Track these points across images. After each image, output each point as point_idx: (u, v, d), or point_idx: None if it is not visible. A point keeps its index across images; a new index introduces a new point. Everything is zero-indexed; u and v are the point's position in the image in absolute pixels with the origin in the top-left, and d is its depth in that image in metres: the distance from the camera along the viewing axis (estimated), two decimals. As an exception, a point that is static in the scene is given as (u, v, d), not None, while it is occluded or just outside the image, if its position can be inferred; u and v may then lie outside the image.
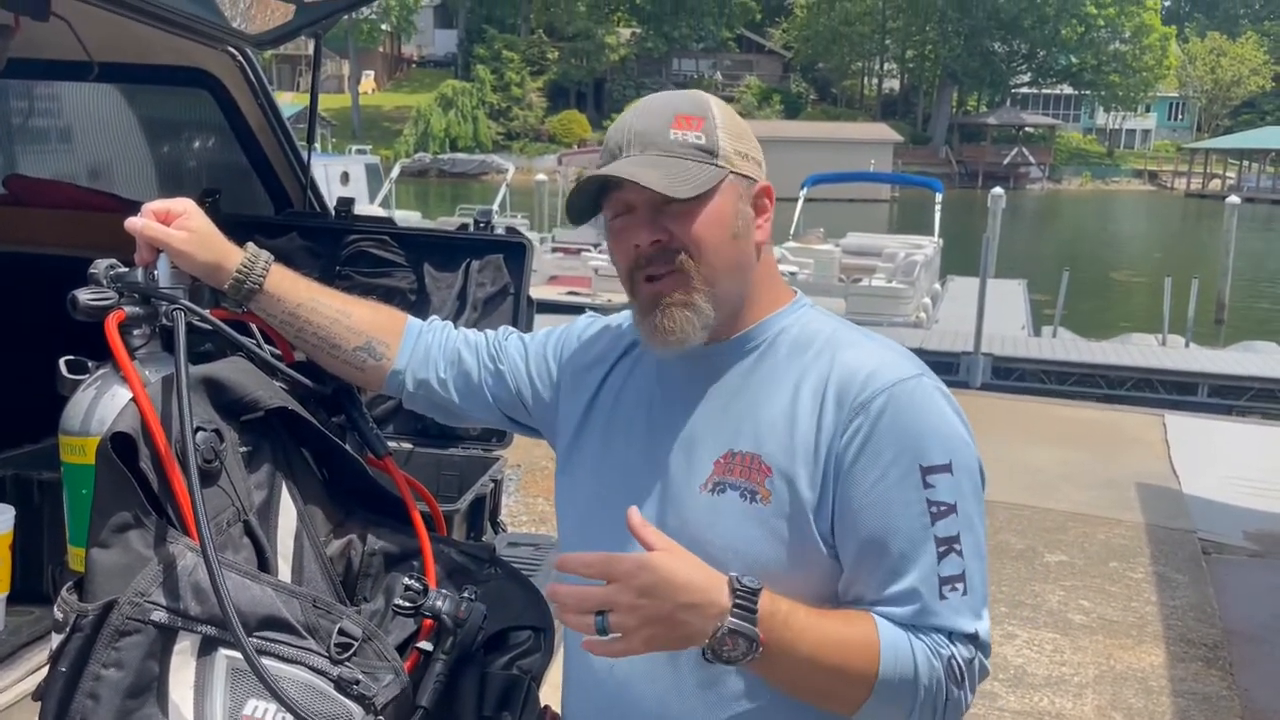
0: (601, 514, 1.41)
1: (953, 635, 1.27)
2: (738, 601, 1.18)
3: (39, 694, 1.26)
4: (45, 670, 1.74)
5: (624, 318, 1.55)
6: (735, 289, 1.37)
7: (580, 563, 1.22)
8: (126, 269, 1.42)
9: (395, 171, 19.90)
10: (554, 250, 16.04)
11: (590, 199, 1.38)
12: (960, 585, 1.27)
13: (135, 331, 1.40)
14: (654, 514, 1.36)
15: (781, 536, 1.29)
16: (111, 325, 1.35)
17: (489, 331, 1.64)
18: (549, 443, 1.59)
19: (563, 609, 1.21)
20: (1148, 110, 64.78)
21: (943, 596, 1.26)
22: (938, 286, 18.05)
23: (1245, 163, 57.56)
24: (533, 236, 9.71)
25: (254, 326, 1.55)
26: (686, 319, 1.33)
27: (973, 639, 1.29)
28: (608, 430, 1.46)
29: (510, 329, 1.64)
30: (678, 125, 1.33)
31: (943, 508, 1.27)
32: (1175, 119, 68.62)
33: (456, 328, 1.64)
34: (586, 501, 1.47)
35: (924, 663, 1.25)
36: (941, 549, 1.26)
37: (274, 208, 2.97)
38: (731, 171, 1.35)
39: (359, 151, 27.95)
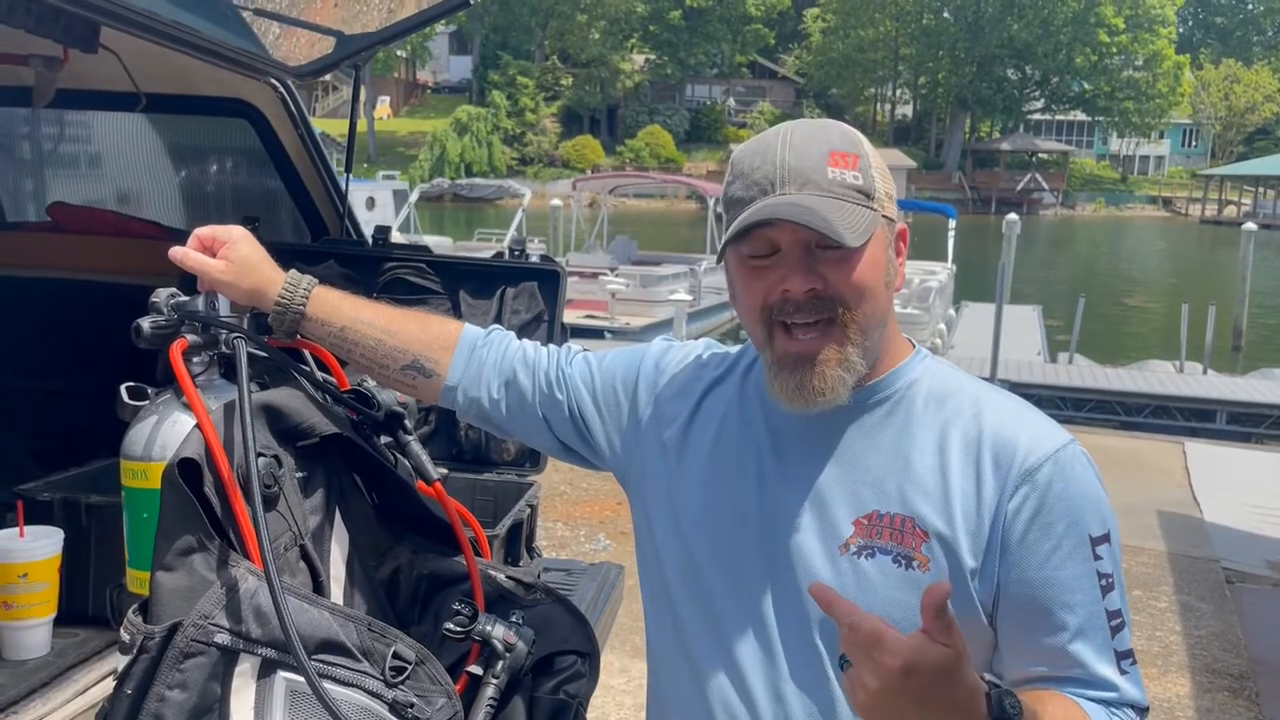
0: (714, 567, 1.36)
1: (1134, 708, 1.27)
2: None
3: (103, 715, 1.28)
4: (91, 691, 1.78)
5: (703, 345, 1.51)
6: (880, 340, 1.29)
7: (859, 621, 1.09)
8: (187, 298, 1.46)
9: (414, 196, 20.11)
10: (570, 274, 16.14)
11: (733, 235, 1.25)
12: (1132, 657, 1.26)
13: (195, 359, 1.44)
14: (787, 574, 1.30)
15: None
16: (176, 353, 1.38)
17: (552, 350, 1.56)
18: (615, 475, 1.52)
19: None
20: (1161, 137, 64.75)
21: (1124, 672, 1.25)
22: (952, 312, 18.07)
23: (1261, 189, 57.36)
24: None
25: (307, 352, 1.59)
26: (839, 379, 1.24)
27: (1145, 711, 1.28)
28: (712, 474, 1.38)
29: (577, 349, 1.57)
30: (834, 163, 1.23)
31: (1110, 580, 1.25)
32: (1189, 145, 68.55)
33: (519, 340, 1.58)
34: (698, 547, 1.37)
35: None
36: (1114, 623, 1.25)
37: (311, 235, 3.01)
38: (883, 215, 1.27)
39: (386, 177, 28.26)
